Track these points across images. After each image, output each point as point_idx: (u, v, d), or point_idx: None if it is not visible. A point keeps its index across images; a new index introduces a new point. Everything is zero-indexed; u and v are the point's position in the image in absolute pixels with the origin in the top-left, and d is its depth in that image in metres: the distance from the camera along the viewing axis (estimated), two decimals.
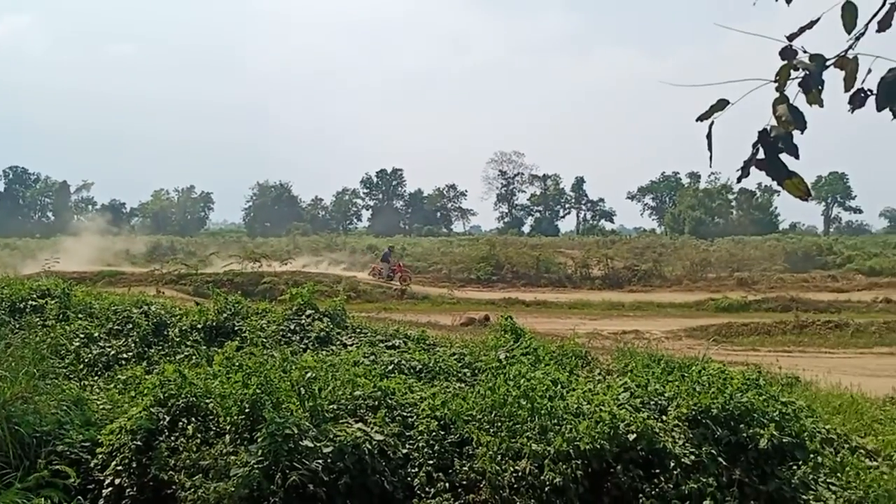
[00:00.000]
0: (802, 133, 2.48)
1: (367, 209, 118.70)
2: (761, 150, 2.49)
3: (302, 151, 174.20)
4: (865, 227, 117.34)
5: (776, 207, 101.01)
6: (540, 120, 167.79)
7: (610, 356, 10.51)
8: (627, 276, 38.71)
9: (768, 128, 2.51)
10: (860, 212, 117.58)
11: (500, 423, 6.51)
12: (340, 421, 6.42)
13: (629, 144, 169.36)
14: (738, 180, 2.59)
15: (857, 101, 2.51)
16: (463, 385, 7.85)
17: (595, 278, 38.74)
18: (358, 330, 10.39)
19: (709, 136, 2.55)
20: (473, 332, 14.54)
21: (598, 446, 6.10)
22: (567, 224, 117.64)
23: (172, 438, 6.40)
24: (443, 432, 6.51)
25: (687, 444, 6.36)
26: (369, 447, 6.11)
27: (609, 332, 19.77)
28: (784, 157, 2.50)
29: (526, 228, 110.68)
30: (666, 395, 7.10)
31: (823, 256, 52.50)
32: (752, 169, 2.51)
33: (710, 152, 2.57)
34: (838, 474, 6.29)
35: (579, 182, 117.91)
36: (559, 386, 7.13)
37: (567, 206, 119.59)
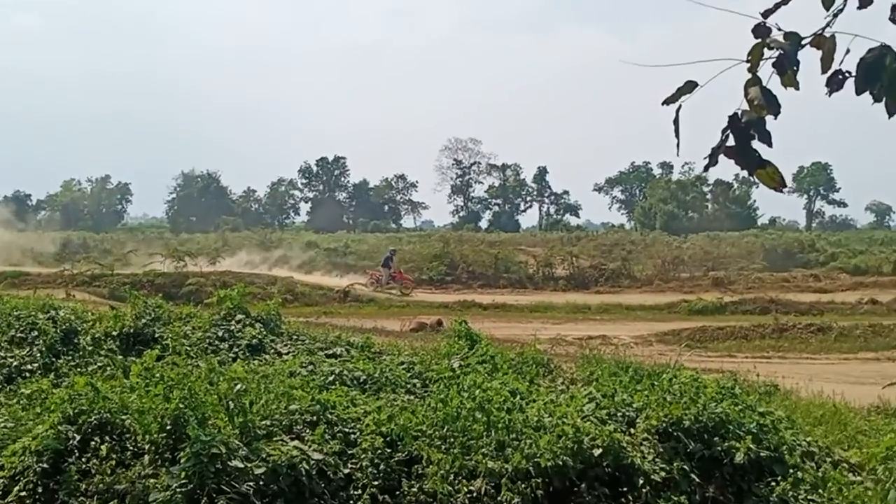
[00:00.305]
0: (776, 118, 2.51)
1: (306, 202, 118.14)
2: (731, 137, 2.52)
3: (232, 136, 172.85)
4: (850, 222, 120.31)
5: (754, 201, 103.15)
6: (498, 104, 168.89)
7: (574, 364, 10.62)
8: (594, 275, 39.13)
9: (739, 112, 2.53)
10: (845, 205, 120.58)
11: (452, 439, 6.52)
12: (274, 438, 6.37)
13: (596, 132, 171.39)
14: (706, 169, 2.63)
15: (834, 83, 2.54)
16: (412, 397, 7.85)
17: (559, 278, 39.08)
18: (294, 337, 10.32)
19: (676, 122, 2.57)
20: (424, 339, 14.55)
21: (561, 463, 6.15)
22: (528, 219, 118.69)
23: (84, 460, 6.28)
24: (389, 450, 6.50)
25: (657, 459, 6.46)
26: (307, 467, 6.07)
27: (574, 337, 19.97)
28: (758, 144, 2.54)
29: (483, 223, 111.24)
30: (634, 405, 7.20)
31: (805, 254, 53.74)
32: (723, 158, 2.54)
33: (678, 139, 2.59)
34: (820, 490, 6.43)
35: (542, 172, 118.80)
36: (518, 397, 7.18)
37: (528, 199, 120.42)
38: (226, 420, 6.33)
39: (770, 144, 2.51)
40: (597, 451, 6.30)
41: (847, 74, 2.54)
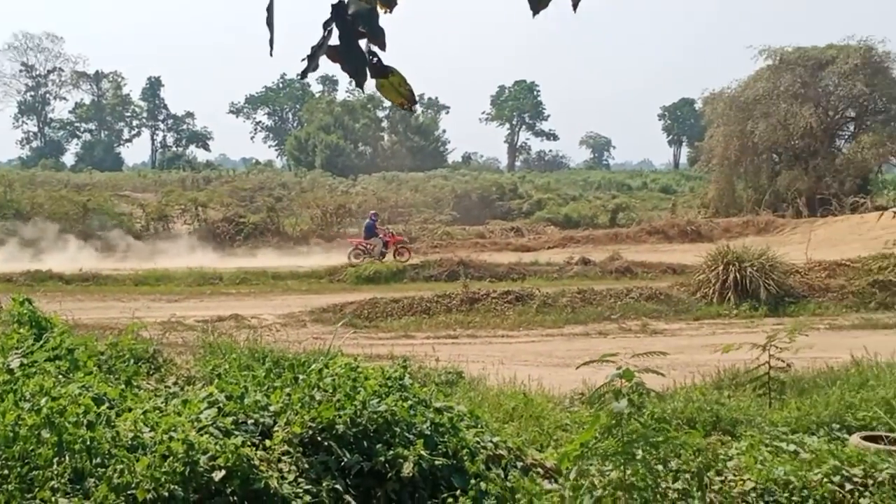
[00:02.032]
0: (392, 10, 2.61)
1: None
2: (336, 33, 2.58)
3: None
4: (562, 160, 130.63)
5: (444, 131, 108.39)
6: None
7: (193, 356, 10.60)
8: (228, 232, 39.22)
9: (346, 0, 2.62)
10: (556, 138, 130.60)
11: (7, 470, 6.27)
12: None
13: (228, 27, 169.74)
14: (303, 75, 2.67)
15: None
16: None
17: (178, 237, 38.67)
18: None
19: (269, 8, 2.57)
20: None
21: (167, 493, 6.12)
22: (136, 153, 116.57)
23: None
24: None
25: (300, 479, 6.61)
26: None
27: (196, 318, 19.91)
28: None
29: (69, 159, 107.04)
30: (271, 409, 7.31)
31: (506, 201, 57.56)
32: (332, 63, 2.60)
33: (271, 32, 2.60)
34: None
35: (154, 86, 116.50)
36: (106, 406, 7.03)
37: (136, 123, 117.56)
38: None
39: (383, 46, 2.59)
40: (218, 474, 6.32)
41: None
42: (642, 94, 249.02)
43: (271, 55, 2.61)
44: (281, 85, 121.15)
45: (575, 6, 2.66)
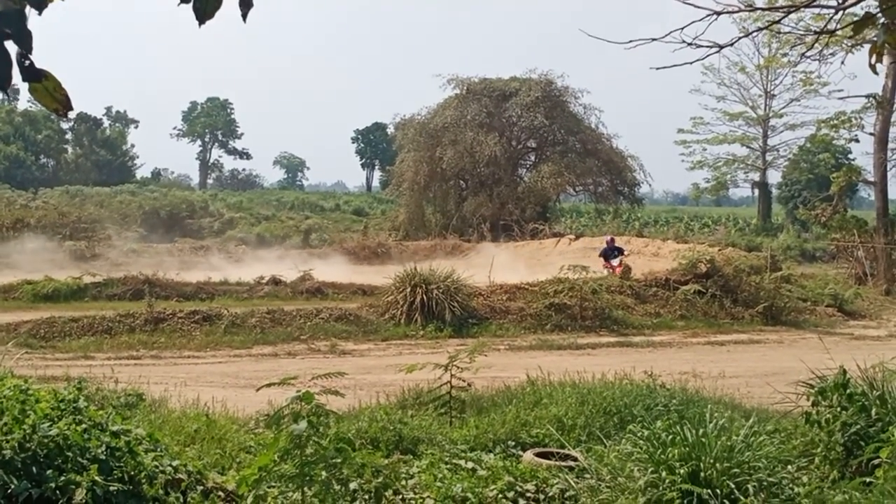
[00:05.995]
0: (41, 13, 2.51)
1: None
2: None
3: None
4: (255, 179, 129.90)
5: (133, 146, 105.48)
6: None
7: None
8: None
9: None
10: (249, 157, 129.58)
11: None
12: None
13: None
14: None
15: None
16: None
17: None
18: None
19: None
20: None
21: None
22: None
23: None
24: None
25: None
26: None
27: None
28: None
29: None
30: None
31: (197, 219, 56.68)
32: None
33: None
34: None
35: None
36: None
37: None
38: None
39: (29, 50, 2.48)
40: None
41: None
42: (337, 116, 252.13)
43: None
44: None
45: (244, 17, 2.64)
